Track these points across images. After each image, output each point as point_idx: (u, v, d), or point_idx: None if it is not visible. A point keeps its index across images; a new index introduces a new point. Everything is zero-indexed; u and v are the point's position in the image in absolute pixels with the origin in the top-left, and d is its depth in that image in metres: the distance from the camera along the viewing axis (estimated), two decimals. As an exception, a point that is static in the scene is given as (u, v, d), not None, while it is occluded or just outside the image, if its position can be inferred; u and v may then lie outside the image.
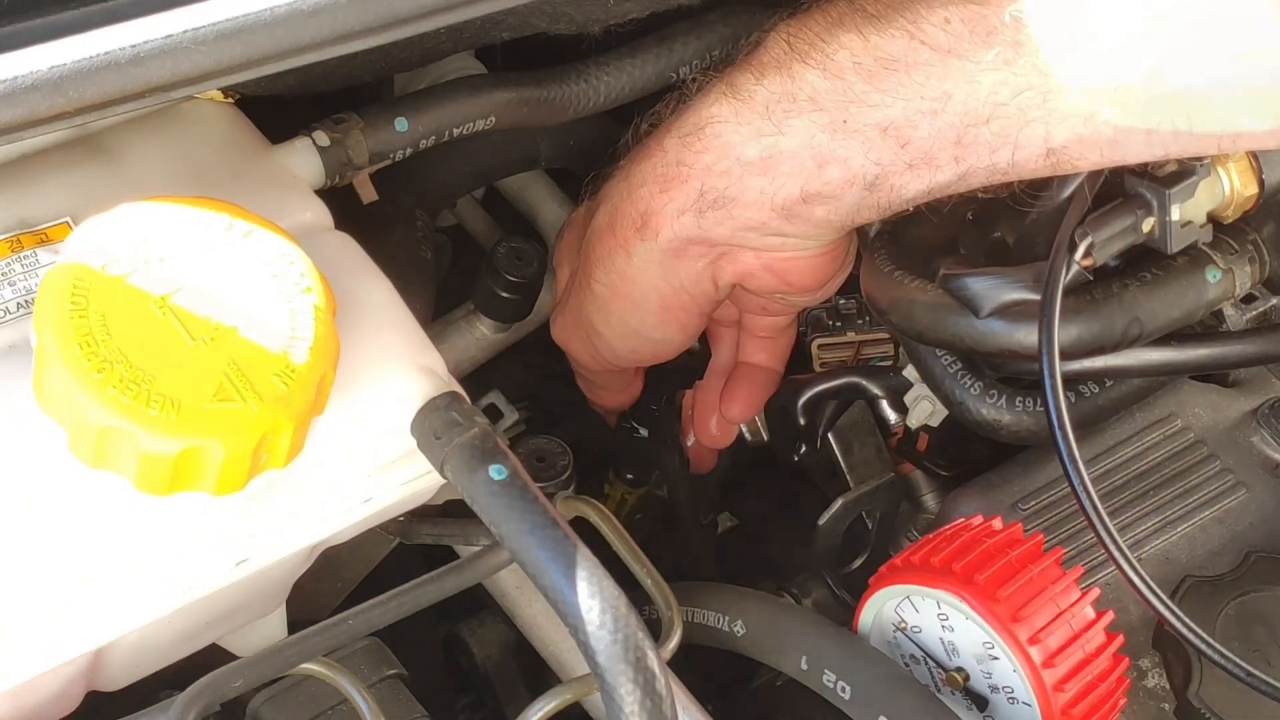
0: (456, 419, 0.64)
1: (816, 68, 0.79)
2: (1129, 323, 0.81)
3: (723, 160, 0.83)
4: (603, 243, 0.89)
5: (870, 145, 0.79)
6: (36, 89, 0.56)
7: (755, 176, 0.82)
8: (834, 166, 0.80)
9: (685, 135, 0.84)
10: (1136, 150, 0.74)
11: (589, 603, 0.59)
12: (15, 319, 0.64)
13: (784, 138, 0.80)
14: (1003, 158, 0.76)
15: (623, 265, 0.89)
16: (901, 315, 0.85)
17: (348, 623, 0.66)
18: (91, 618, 0.61)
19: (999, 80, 0.74)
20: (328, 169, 0.78)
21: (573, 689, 0.67)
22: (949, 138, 0.77)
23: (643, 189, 0.86)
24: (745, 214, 0.84)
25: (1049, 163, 0.76)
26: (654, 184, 0.86)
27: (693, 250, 0.87)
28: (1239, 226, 0.84)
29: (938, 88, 0.76)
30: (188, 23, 0.58)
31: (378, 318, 0.67)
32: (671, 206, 0.85)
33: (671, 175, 0.85)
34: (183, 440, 0.56)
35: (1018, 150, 0.75)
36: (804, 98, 0.80)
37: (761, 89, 0.81)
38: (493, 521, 0.62)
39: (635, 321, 0.91)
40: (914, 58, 0.76)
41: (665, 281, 0.89)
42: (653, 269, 0.88)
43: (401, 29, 0.63)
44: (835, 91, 0.79)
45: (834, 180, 0.80)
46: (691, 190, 0.84)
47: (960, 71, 0.75)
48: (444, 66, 0.95)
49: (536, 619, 0.88)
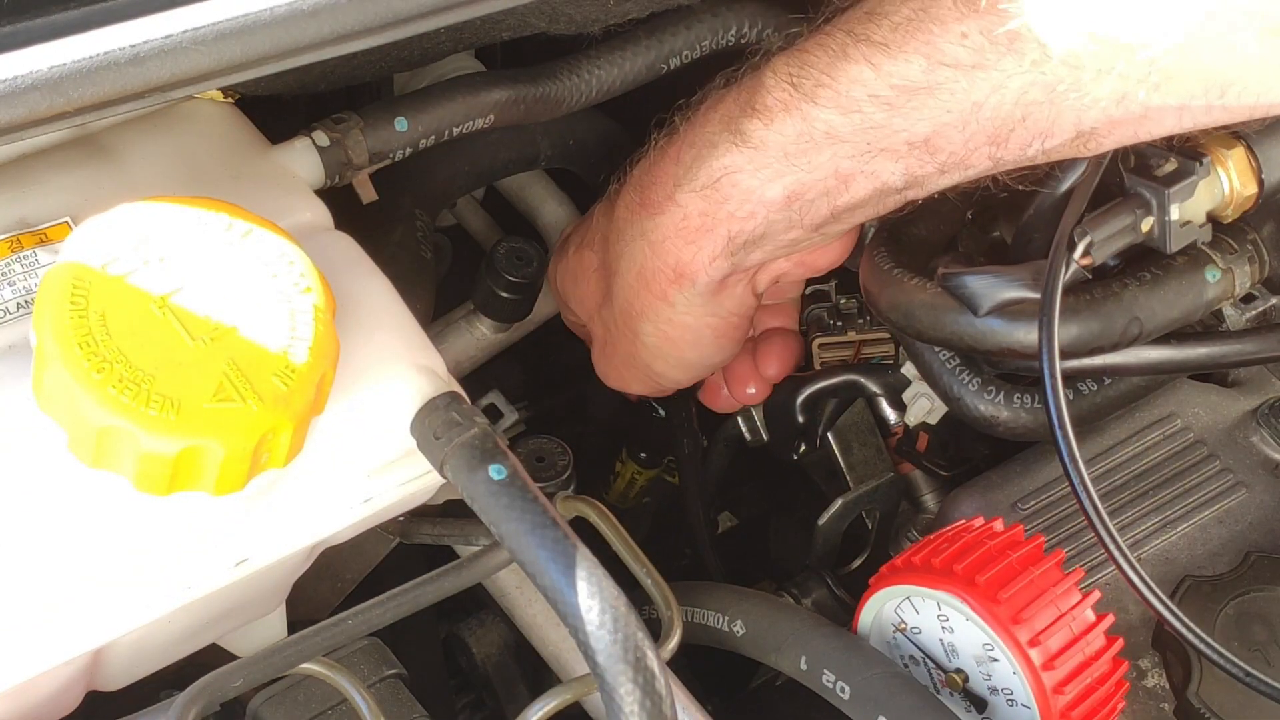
0: (456, 419, 0.64)
1: (830, 106, 0.77)
2: (1129, 322, 0.81)
3: (745, 205, 0.82)
4: (639, 299, 0.89)
5: (899, 158, 0.77)
6: (36, 89, 0.56)
7: (782, 211, 0.81)
8: (862, 180, 0.79)
9: (702, 189, 0.83)
10: (1168, 125, 0.73)
11: (589, 603, 0.59)
12: (15, 319, 0.64)
13: (806, 174, 0.79)
14: (1035, 149, 0.75)
15: (669, 315, 0.89)
16: (901, 313, 0.85)
17: (348, 623, 0.66)
18: (91, 618, 0.61)
19: (1028, 82, 0.72)
20: (327, 169, 0.78)
21: (573, 689, 0.67)
22: (981, 140, 0.75)
23: (666, 244, 0.86)
24: (776, 241, 0.84)
25: (1077, 144, 0.75)
26: (679, 238, 0.85)
27: (731, 281, 0.87)
28: (1239, 226, 0.84)
29: (965, 100, 0.74)
30: (187, 23, 0.58)
31: (378, 318, 0.67)
32: (702, 256, 0.85)
33: (695, 228, 0.84)
34: (182, 440, 0.56)
35: (1049, 139, 0.74)
36: (821, 135, 0.78)
37: (773, 134, 0.79)
38: (492, 521, 0.62)
39: (695, 357, 0.92)
40: (935, 79, 0.74)
41: (714, 316, 0.89)
42: (698, 310, 0.89)
43: (401, 29, 0.63)
44: (854, 125, 0.77)
45: (863, 191, 0.79)
46: (719, 238, 0.84)
47: (986, 81, 0.73)
48: (444, 66, 0.95)
49: (536, 619, 0.88)
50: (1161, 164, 0.80)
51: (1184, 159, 0.80)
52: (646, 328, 0.90)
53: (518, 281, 0.96)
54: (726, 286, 0.87)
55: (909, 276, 0.84)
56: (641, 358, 0.92)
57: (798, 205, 0.81)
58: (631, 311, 0.90)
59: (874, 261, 0.87)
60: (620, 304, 0.90)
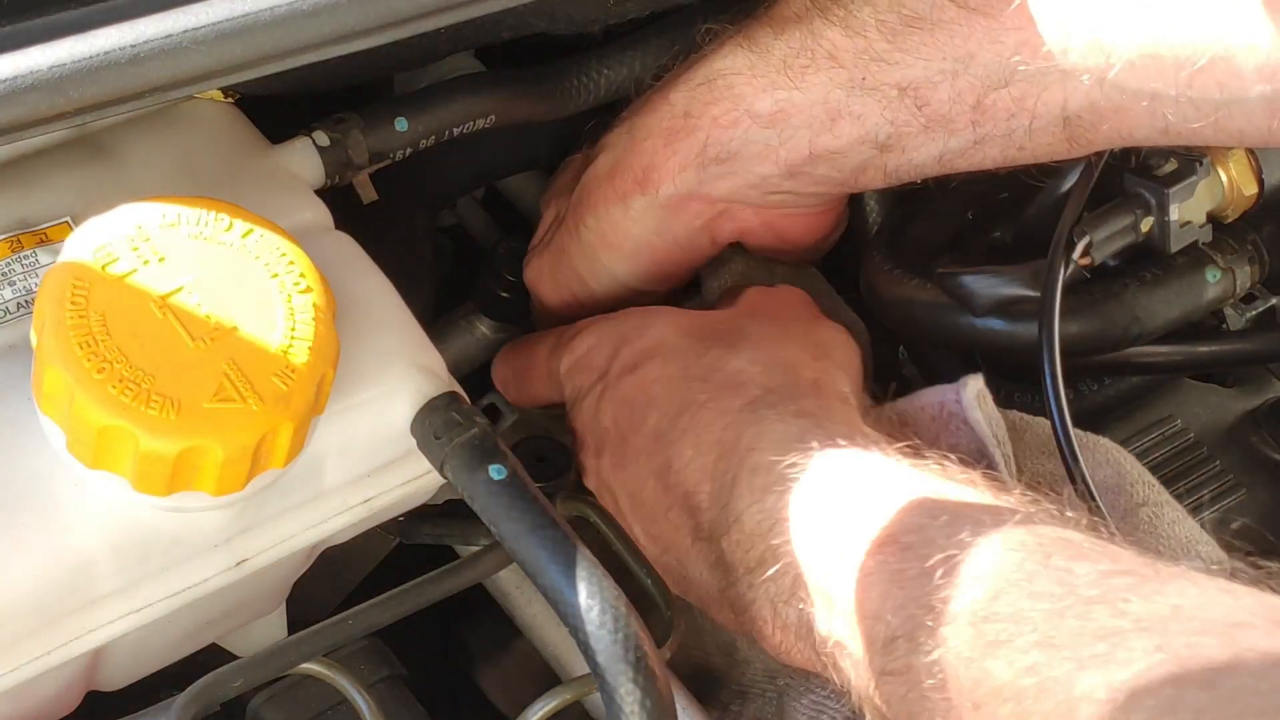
0: (456, 419, 0.64)
1: (838, 24, 0.77)
2: (1129, 322, 0.81)
3: (731, 112, 0.81)
4: (599, 190, 0.87)
5: (887, 104, 0.77)
6: (36, 89, 0.56)
7: (764, 129, 0.80)
8: (847, 122, 0.78)
9: (695, 87, 0.82)
10: (1141, 121, 0.73)
11: (589, 603, 0.59)
12: (15, 319, 0.64)
13: (799, 92, 0.79)
14: (1020, 124, 0.75)
15: (618, 216, 0.87)
16: (901, 313, 0.85)
17: (348, 623, 0.66)
18: (91, 618, 0.61)
19: (1021, 40, 0.73)
20: (328, 169, 0.78)
21: (573, 689, 0.67)
22: (968, 100, 0.76)
23: (647, 141, 0.84)
24: (749, 169, 0.82)
25: (1065, 134, 0.75)
26: (658, 137, 0.84)
27: (691, 206, 0.85)
28: (1239, 226, 0.84)
29: (961, 47, 0.74)
30: (187, 23, 0.58)
31: (378, 318, 0.67)
32: (675, 161, 0.83)
33: (677, 128, 0.83)
34: (182, 440, 0.56)
35: (1035, 118, 0.75)
36: (823, 54, 0.78)
37: (780, 44, 0.79)
38: (492, 521, 0.62)
39: (622, 272, 0.89)
40: (939, 15, 0.75)
41: (659, 236, 0.87)
42: (648, 223, 0.86)
43: (401, 29, 0.63)
44: (856, 49, 0.77)
45: (845, 136, 0.79)
46: (696, 143, 0.83)
47: (985, 30, 0.73)
48: (444, 66, 0.95)
49: (536, 619, 0.88)
50: (1162, 164, 0.80)
51: (1184, 159, 0.80)
52: (590, 222, 0.88)
53: (518, 281, 0.96)
54: (685, 208, 0.86)
55: (909, 276, 0.84)
56: (571, 253, 0.90)
57: (780, 128, 0.80)
58: (586, 202, 0.88)
59: (874, 261, 0.87)
60: (580, 193, 0.89)
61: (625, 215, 0.86)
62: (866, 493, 0.67)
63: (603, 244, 0.88)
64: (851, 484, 0.67)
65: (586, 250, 0.89)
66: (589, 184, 0.88)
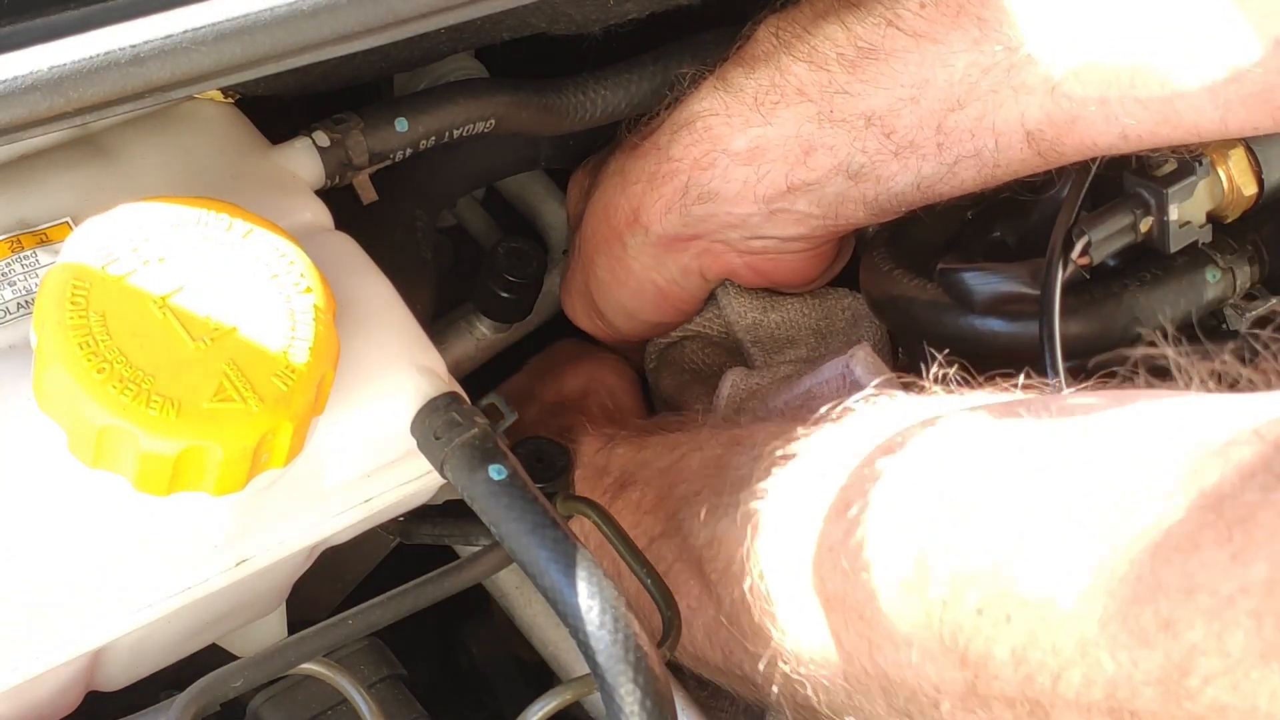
0: (456, 419, 0.64)
1: (803, 60, 0.80)
2: (1128, 322, 0.81)
3: (710, 153, 0.84)
4: (599, 231, 0.91)
5: (856, 134, 0.80)
6: (36, 89, 0.56)
7: (741, 167, 0.83)
8: (820, 154, 0.81)
9: (677, 130, 0.85)
10: (1098, 128, 0.75)
11: (589, 603, 0.59)
12: (15, 319, 0.63)
13: (771, 128, 0.81)
14: (985, 144, 0.77)
15: (619, 254, 0.90)
16: (900, 313, 0.85)
17: (348, 623, 0.66)
18: (91, 617, 0.61)
19: (970, 61, 0.75)
20: (327, 169, 0.78)
21: (573, 689, 0.67)
22: (931, 124, 0.78)
23: (636, 185, 0.88)
24: (729, 209, 0.85)
25: (1033, 150, 0.77)
26: (645, 180, 0.87)
27: (679, 245, 0.89)
28: (1239, 226, 0.84)
29: (916, 74, 0.77)
30: (187, 23, 0.58)
31: (378, 318, 0.67)
32: (660, 204, 0.87)
33: (661, 172, 0.86)
34: (182, 440, 0.56)
35: (999, 136, 0.77)
36: (792, 89, 0.81)
37: (751, 82, 0.82)
38: (492, 521, 0.62)
39: (634, 307, 0.94)
40: (891, 45, 0.77)
41: (658, 273, 0.91)
42: (646, 260, 0.90)
43: (401, 29, 0.63)
44: (821, 83, 0.79)
45: (820, 168, 0.81)
46: (678, 185, 0.85)
47: (935, 56, 0.76)
48: (444, 66, 0.95)
49: (536, 619, 0.88)
50: (1161, 164, 0.80)
51: (1184, 159, 0.80)
52: (600, 260, 0.92)
53: (518, 281, 0.96)
54: (676, 248, 0.89)
55: (909, 276, 0.85)
56: (590, 287, 0.94)
57: (756, 164, 0.83)
58: (593, 241, 0.92)
59: (873, 261, 0.88)
60: (585, 230, 0.93)
61: (625, 253, 0.90)
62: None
63: (614, 281, 0.92)
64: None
65: (602, 287, 0.94)
66: (590, 223, 0.92)
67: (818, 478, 0.65)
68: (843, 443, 0.66)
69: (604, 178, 0.91)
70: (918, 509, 0.60)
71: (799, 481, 0.66)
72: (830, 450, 0.66)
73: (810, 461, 0.67)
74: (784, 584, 0.66)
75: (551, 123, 0.88)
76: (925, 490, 0.61)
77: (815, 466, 0.66)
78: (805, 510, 0.65)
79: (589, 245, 0.93)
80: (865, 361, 0.82)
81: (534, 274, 0.96)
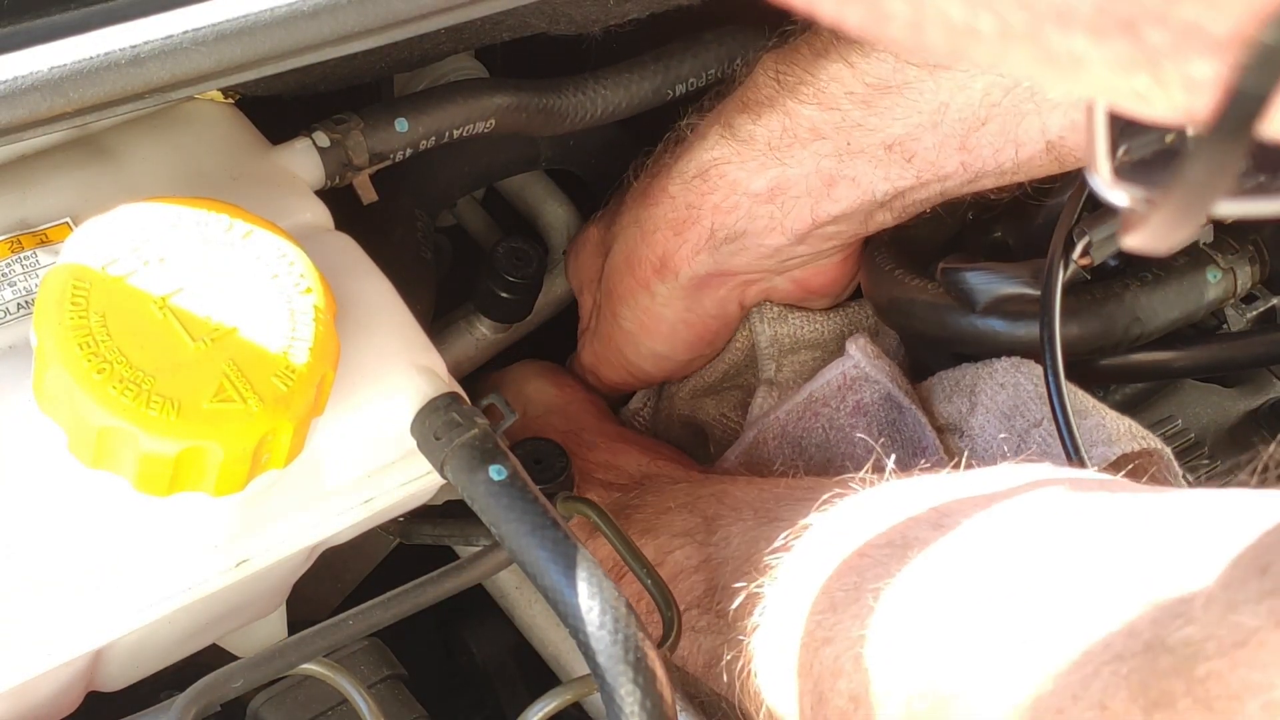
0: (456, 419, 0.64)
1: (811, 103, 0.79)
2: (1129, 322, 0.81)
3: (730, 197, 0.83)
4: (623, 283, 0.91)
5: (877, 163, 0.79)
6: (36, 89, 0.56)
7: (764, 205, 0.82)
8: (844, 185, 0.80)
9: (690, 180, 0.85)
10: None
11: (589, 603, 0.59)
12: (15, 320, 0.63)
13: (790, 168, 0.81)
14: (1007, 157, 0.76)
15: (647, 303, 0.90)
16: (901, 314, 0.85)
17: (348, 623, 0.66)
18: (91, 618, 0.61)
19: (989, 82, 0.74)
20: (328, 169, 0.78)
21: (573, 689, 0.67)
22: (952, 145, 0.77)
23: (657, 234, 0.87)
24: (759, 242, 0.84)
25: (1052, 157, 0.76)
26: (667, 229, 0.87)
27: (714, 282, 0.88)
28: (1240, 226, 0.84)
29: (932, 101, 0.76)
30: (187, 23, 0.58)
31: (378, 318, 0.67)
32: (686, 248, 0.86)
33: (682, 219, 0.86)
34: (182, 441, 0.56)
35: (1020, 148, 0.76)
36: (804, 130, 0.80)
37: (760, 128, 0.81)
38: (493, 522, 0.62)
39: (667, 350, 0.93)
40: (903, 78, 0.76)
41: (691, 313, 0.90)
42: (676, 305, 0.90)
43: (401, 29, 0.63)
44: (834, 121, 0.79)
45: (845, 199, 0.81)
46: (703, 230, 0.85)
47: (951, 81, 0.75)
48: (444, 67, 0.95)
49: (536, 619, 0.88)
50: (1162, 164, 0.80)
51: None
52: (625, 312, 0.92)
53: (518, 281, 0.96)
54: (708, 286, 0.88)
55: (910, 276, 0.85)
56: (617, 341, 0.94)
57: (780, 201, 0.82)
58: (615, 294, 0.91)
59: (874, 262, 0.88)
60: (607, 285, 0.92)
61: (653, 301, 0.90)
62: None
63: (642, 330, 0.92)
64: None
65: (629, 338, 0.93)
66: (611, 276, 0.92)
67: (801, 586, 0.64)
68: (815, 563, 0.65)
69: (620, 230, 0.91)
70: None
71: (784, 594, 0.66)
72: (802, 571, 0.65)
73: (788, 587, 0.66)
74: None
75: (551, 123, 0.88)
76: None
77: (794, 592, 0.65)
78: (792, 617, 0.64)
79: (610, 297, 0.92)
80: (865, 349, 0.83)
81: (534, 274, 0.96)
